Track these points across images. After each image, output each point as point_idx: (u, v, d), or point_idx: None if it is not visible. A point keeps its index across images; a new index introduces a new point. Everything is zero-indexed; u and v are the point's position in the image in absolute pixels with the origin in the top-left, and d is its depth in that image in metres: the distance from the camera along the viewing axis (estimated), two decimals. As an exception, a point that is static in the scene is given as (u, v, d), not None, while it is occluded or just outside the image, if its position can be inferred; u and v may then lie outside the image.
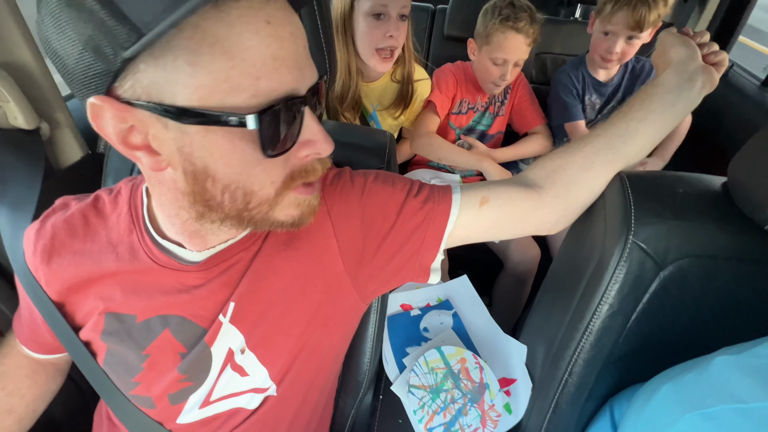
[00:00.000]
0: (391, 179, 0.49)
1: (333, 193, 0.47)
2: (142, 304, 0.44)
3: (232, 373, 0.46)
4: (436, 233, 0.47)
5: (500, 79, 1.10)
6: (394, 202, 0.47)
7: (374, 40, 0.92)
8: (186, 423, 0.47)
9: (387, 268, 0.48)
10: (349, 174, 0.49)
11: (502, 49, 1.04)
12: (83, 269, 0.44)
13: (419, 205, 0.47)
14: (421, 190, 0.48)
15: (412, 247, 0.47)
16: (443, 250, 0.48)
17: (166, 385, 0.45)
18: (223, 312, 0.44)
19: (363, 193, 0.47)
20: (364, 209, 0.46)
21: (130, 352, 0.45)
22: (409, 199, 0.47)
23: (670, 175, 0.51)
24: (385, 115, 1.10)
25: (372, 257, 0.47)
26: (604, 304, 0.48)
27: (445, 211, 0.47)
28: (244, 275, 0.44)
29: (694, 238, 0.45)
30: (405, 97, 1.06)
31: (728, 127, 1.19)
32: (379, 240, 0.47)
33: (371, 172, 0.50)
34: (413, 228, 0.47)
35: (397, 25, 0.91)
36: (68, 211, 0.46)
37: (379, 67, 0.96)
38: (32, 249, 0.45)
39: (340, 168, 0.51)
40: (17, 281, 0.48)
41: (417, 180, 0.50)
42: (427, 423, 0.60)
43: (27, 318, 0.50)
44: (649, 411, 0.39)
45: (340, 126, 0.69)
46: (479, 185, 0.49)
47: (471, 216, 0.47)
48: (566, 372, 0.53)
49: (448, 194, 0.48)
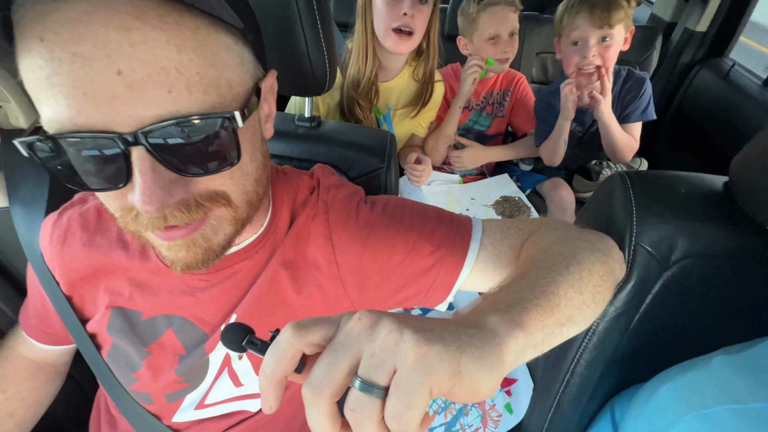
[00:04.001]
0: (400, 212, 0.46)
1: (337, 220, 0.45)
2: (149, 303, 0.45)
3: (228, 380, 0.46)
4: (446, 282, 0.44)
5: (503, 54, 1.10)
6: (403, 242, 0.44)
7: (389, 18, 0.92)
8: (183, 422, 0.48)
9: (391, 300, 0.47)
10: (356, 204, 0.46)
11: (492, 25, 1.07)
12: (93, 261, 0.45)
13: (431, 249, 0.43)
14: (436, 229, 0.44)
15: (420, 287, 0.45)
16: (452, 296, 0.46)
17: (164, 384, 0.46)
18: (225, 322, 0.44)
19: (366, 227, 0.45)
20: (367, 244, 0.44)
21: (132, 348, 0.45)
22: (420, 242, 0.44)
23: (672, 175, 0.51)
24: (401, 116, 1.08)
25: (375, 288, 0.46)
26: (610, 306, 0.48)
27: (458, 263, 0.43)
28: (249, 289, 0.44)
29: (696, 238, 0.45)
30: (422, 96, 1.06)
31: (730, 126, 1.19)
32: (384, 275, 0.45)
33: (380, 202, 0.47)
34: (422, 270, 0.44)
35: (413, 5, 0.91)
36: (85, 205, 0.48)
37: (395, 47, 0.95)
38: (48, 239, 0.47)
39: (351, 187, 0.49)
40: (29, 273, 0.50)
41: (432, 213, 0.46)
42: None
43: (38, 309, 0.51)
44: (649, 411, 0.39)
45: (340, 125, 0.69)
46: (500, 256, 0.43)
47: (479, 284, 0.44)
48: (568, 372, 0.53)
49: (466, 240, 0.43)
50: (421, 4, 0.92)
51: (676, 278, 0.46)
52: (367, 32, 0.95)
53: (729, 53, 1.35)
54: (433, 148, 1.18)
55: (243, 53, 0.32)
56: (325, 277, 0.45)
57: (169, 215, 0.31)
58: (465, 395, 0.22)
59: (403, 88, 1.06)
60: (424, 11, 0.93)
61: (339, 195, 0.47)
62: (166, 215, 0.31)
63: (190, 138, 0.29)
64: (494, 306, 0.27)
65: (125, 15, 0.25)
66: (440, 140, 1.16)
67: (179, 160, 0.29)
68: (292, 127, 0.64)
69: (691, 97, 1.36)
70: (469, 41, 1.13)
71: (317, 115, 0.66)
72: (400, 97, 1.07)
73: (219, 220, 0.35)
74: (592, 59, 0.96)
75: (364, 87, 0.98)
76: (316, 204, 0.46)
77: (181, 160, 0.30)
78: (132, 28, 0.26)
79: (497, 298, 0.29)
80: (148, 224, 0.31)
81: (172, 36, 0.27)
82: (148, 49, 0.26)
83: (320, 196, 0.47)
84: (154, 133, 0.27)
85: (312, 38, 0.50)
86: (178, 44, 0.27)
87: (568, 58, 1.01)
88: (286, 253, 0.45)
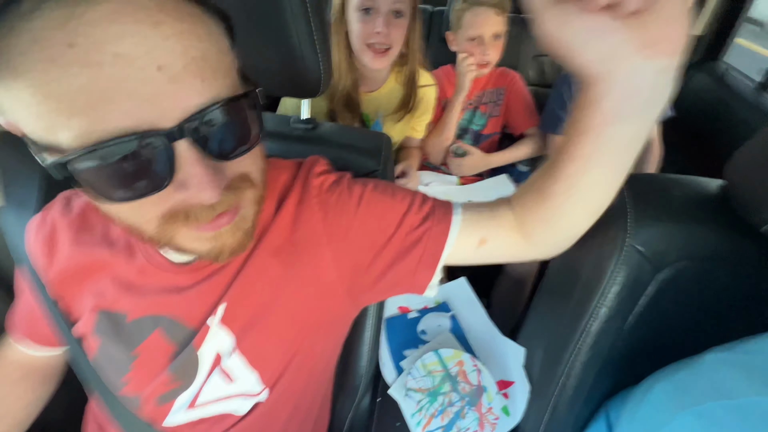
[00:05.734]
0: (390, 189, 0.47)
1: (329, 200, 0.46)
2: (133, 304, 0.44)
3: (220, 377, 0.46)
4: (433, 254, 0.45)
5: (483, 57, 1.10)
6: (394, 214, 0.45)
7: (364, 35, 0.91)
8: (174, 425, 0.47)
9: (382, 280, 0.47)
10: (347, 181, 0.48)
11: (474, 26, 1.08)
12: (78, 260, 0.45)
13: (419, 221, 0.45)
14: (422, 205, 0.46)
15: (408, 264, 0.45)
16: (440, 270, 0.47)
17: (155, 386, 0.45)
18: (212, 314, 0.44)
19: (360, 202, 0.46)
20: (361, 219, 0.45)
21: (119, 352, 0.45)
22: (409, 214, 0.45)
23: (667, 177, 0.51)
24: (392, 122, 1.08)
25: (367, 268, 0.46)
26: (602, 307, 0.48)
27: (443, 233, 0.45)
28: (235, 278, 0.44)
29: (690, 240, 0.45)
30: (408, 101, 1.05)
31: (724, 129, 1.20)
32: (375, 251, 0.46)
33: (370, 181, 0.49)
34: (411, 244, 0.45)
35: (389, 21, 0.89)
36: (68, 205, 0.47)
37: (371, 63, 0.94)
38: (33, 240, 0.47)
39: (340, 173, 0.50)
40: (17, 276, 0.50)
41: (419, 192, 0.49)
42: (425, 426, 0.60)
43: (27, 312, 0.51)
44: (643, 411, 0.39)
45: (336, 127, 0.69)
46: (481, 218, 0.45)
47: (467, 251, 0.46)
48: (563, 374, 0.53)
49: (449, 214, 0.45)
50: (396, 18, 0.90)
51: (670, 281, 0.46)
52: (341, 47, 0.94)
53: (723, 56, 1.36)
54: (433, 148, 1.18)
55: (227, 39, 0.33)
56: (317, 260, 0.45)
57: (217, 203, 0.31)
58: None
59: (391, 96, 1.06)
60: (401, 24, 0.92)
61: (329, 179, 0.48)
62: (215, 204, 0.31)
63: (225, 122, 0.30)
64: None
65: (151, 10, 0.26)
66: (439, 140, 1.16)
67: (218, 146, 0.30)
68: (288, 128, 0.64)
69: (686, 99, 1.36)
70: (454, 38, 1.14)
71: (313, 118, 0.66)
72: (389, 105, 1.06)
73: (247, 202, 0.35)
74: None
75: (339, 99, 0.97)
76: (303, 189, 0.47)
77: (220, 145, 0.30)
78: (160, 22, 0.26)
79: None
80: (203, 217, 0.31)
81: (191, 26, 0.28)
82: (178, 41, 0.27)
83: (309, 181, 0.47)
84: (195, 122, 0.28)
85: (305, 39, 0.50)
86: (197, 33, 0.28)
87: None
88: (273, 240, 0.45)
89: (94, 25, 0.24)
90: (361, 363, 0.61)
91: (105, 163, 0.27)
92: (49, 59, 0.24)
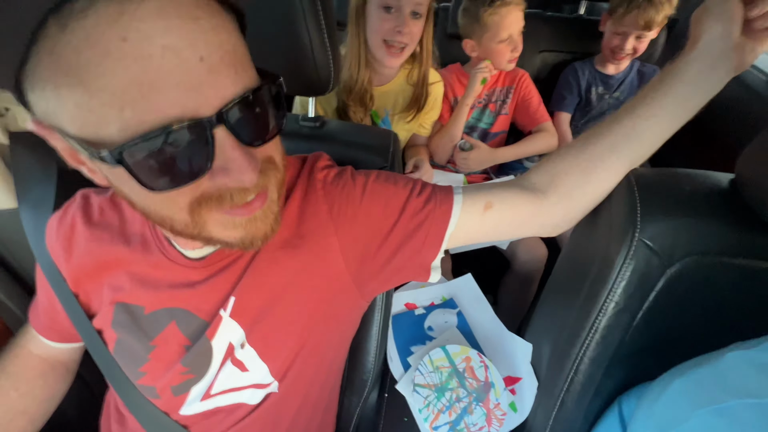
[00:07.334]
0: (393, 178, 0.49)
1: (333, 192, 0.47)
2: (150, 297, 0.46)
3: (233, 368, 0.47)
4: (437, 233, 0.47)
5: (513, 53, 1.13)
6: (397, 201, 0.47)
7: (383, 32, 0.92)
8: (189, 414, 0.48)
9: (388, 266, 0.48)
10: (350, 173, 0.49)
11: (504, 27, 1.08)
12: (96, 256, 0.46)
13: (421, 205, 0.47)
14: (423, 189, 0.48)
15: (413, 246, 0.47)
16: (443, 249, 0.48)
17: (170, 376, 0.46)
18: (223, 306, 0.45)
19: (364, 191, 0.47)
20: (366, 207, 0.47)
21: (137, 343, 0.46)
22: (411, 199, 0.47)
23: (677, 172, 0.50)
24: (399, 121, 1.08)
25: (374, 255, 0.47)
26: (610, 302, 0.48)
27: (447, 213, 0.47)
28: (245, 271, 0.45)
29: (701, 235, 0.45)
30: (418, 100, 1.05)
31: (736, 123, 1.18)
32: (381, 238, 0.47)
33: (373, 172, 0.50)
34: (415, 227, 0.47)
35: (409, 21, 0.90)
36: (87, 202, 0.49)
37: (387, 60, 0.95)
38: (54, 237, 0.48)
39: (342, 167, 0.51)
40: (38, 272, 0.51)
41: (419, 179, 0.50)
42: (433, 422, 0.60)
43: (46, 306, 0.52)
44: (660, 407, 0.39)
45: (344, 125, 0.69)
46: (483, 188, 0.49)
47: (474, 220, 0.47)
48: (572, 370, 0.53)
49: (450, 195, 0.48)
50: (413, 18, 0.91)
51: (680, 276, 0.45)
52: (360, 41, 0.95)
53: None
54: (439, 147, 1.17)
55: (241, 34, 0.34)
56: (324, 251, 0.46)
57: (252, 187, 0.33)
58: None
59: (399, 92, 1.06)
60: (418, 24, 0.93)
61: (332, 172, 0.49)
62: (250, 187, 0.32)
63: (256, 109, 0.31)
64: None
65: (189, 6, 0.28)
66: (445, 139, 1.16)
67: (250, 132, 0.32)
68: (296, 126, 0.64)
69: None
70: (477, 43, 1.13)
71: (321, 115, 0.66)
72: (396, 101, 1.07)
73: (273, 185, 0.36)
74: (626, 52, 1.20)
75: (356, 94, 0.98)
76: (307, 183, 0.48)
77: (252, 131, 0.32)
78: (198, 17, 0.28)
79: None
80: (237, 198, 0.32)
81: (220, 21, 0.29)
82: (215, 34, 0.28)
83: (313, 175, 0.48)
84: (233, 110, 0.30)
85: (316, 38, 0.50)
86: (227, 28, 0.30)
87: (608, 39, 1.24)
88: (281, 234, 0.45)
89: (144, 20, 0.26)
90: (368, 358, 0.62)
91: (155, 151, 0.28)
92: (103, 53, 0.25)
